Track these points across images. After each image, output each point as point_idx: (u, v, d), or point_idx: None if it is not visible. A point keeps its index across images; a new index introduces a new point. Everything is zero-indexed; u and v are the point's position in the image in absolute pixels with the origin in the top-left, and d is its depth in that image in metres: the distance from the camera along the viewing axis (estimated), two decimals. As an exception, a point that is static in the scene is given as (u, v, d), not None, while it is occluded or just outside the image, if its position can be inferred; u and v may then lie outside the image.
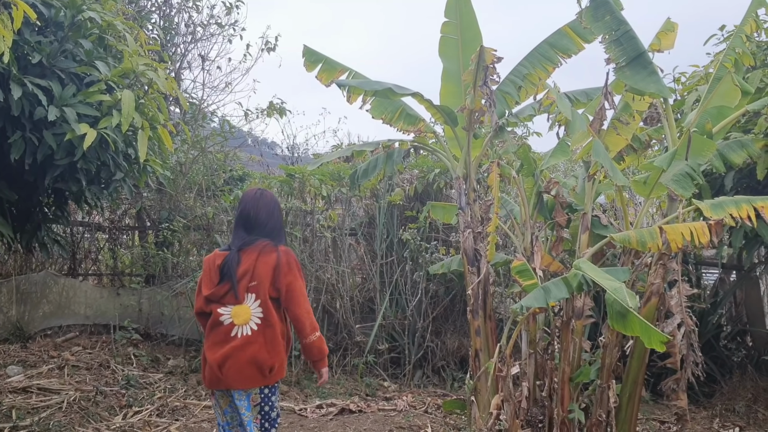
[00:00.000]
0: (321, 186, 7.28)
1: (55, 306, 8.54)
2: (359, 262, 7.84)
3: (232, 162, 10.22)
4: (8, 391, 6.01)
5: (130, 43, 4.61)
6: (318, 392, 6.32)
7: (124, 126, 4.11)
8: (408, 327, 6.97)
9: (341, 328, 7.20)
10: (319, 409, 5.75)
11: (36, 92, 3.92)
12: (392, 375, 6.95)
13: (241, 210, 3.48)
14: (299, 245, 7.32)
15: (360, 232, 7.69)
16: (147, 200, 9.32)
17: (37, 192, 4.99)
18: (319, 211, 7.55)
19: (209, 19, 9.85)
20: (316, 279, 7.15)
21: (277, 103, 9.29)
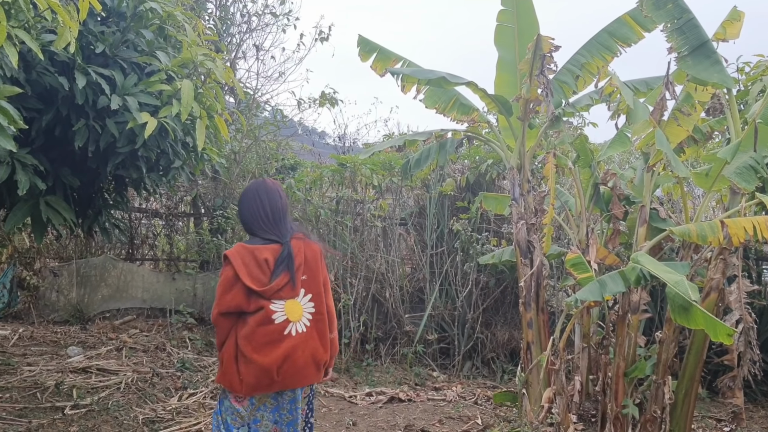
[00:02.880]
0: (372, 175, 7.30)
1: (113, 289, 8.81)
2: (409, 252, 7.84)
3: (284, 151, 10.34)
4: (69, 371, 6.22)
5: (189, 33, 4.69)
6: (367, 380, 6.37)
7: (183, 115, 4.19)
8: (458, 318, 6.96)
9: (390, 318, 7.23)
10: (368, 397, 5.80)
11: (99, 81, 4.02)
12: (441, 365, 6.96)
13: (272, 199, 3.22)
14: (350, 234, 7.37)
15: (410, 222, 7.69)
16: (202, 188, 9.51)
17: (98, 178, 5.14)
18: (370, 201, 7.58)
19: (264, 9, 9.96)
20: (366, 268, 7.18)
21: (329, 93, 9.35)
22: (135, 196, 8.52)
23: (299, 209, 7.63)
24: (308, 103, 9.48)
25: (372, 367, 6.74)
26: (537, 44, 4.84)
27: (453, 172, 7.62)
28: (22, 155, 3.80)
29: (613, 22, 5.40)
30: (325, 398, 5.79)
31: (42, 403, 5.23)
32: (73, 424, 4.76)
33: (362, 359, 6.94)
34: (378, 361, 6.91)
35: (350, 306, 6.84)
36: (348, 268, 7.13)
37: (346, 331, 6.85)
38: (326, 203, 7.67)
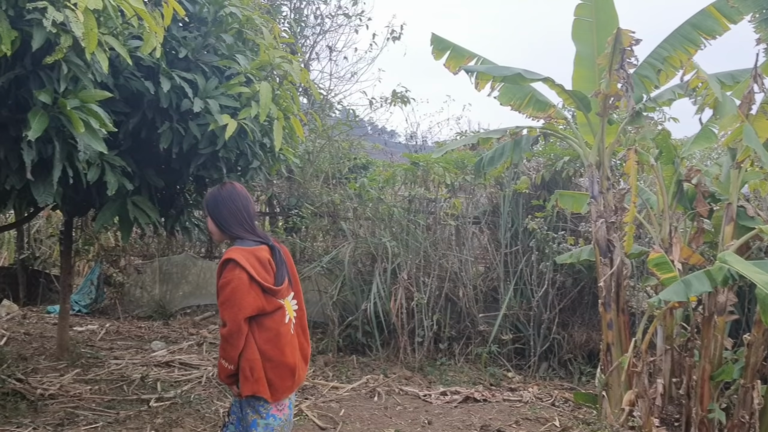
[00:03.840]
0: (445, 174, 7.27)
1: (193, 286, 9.10)
2: (482, 250, 7.77)
3: (356, 150, 10.43)
4: (153, 365, 6.47)
5: (266, 36, 4.79)
6: (441, 379, 6.35)
7: (261, 116, 4.28)
8: (533, 318, 6.85)
9: (464, 317, 7.18)
10: (443, 396, 5.78)
11: (183, 85, 4.16)
12: (516, 366, 6.86)
13: (247, 203, 3.14)
14: (422, 233, 7.36)
15: (483, 221, 7.62)
16: (276, 187, 9.70)
17: (181, 179, 5.30)
18: (443, 199, 7.55)
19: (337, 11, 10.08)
20: (439, 267, 7.16)
21: (401, 92, 9.37)
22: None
23: (372, 208, 7.67)
24: (380, 102, 9.54)
25: (446, 366, 6.71)
26: (617, 38, 4.72)
27: (527, 169, 7.50)
28: (111, 157, 3.97)
29: (697, 14, 5.20)
30: (400, 396, 5.81)
31: (128, 395, 5.45)
32: (158, 416, 4.94)
33: (435, 358, 6.92)
34: (452, 360, 6.88)
35: (423, 305, 6.83)
36: (421, 267, 7.12)
37: (420, 329, 6.85)
38: (399, 202, 7.69)
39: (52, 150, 3.37)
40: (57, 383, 5.56)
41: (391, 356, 6.90)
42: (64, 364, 6.21)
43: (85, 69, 3.28)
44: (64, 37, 2.92)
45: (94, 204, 5.03)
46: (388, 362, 6.80)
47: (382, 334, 7.02)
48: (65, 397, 5.27)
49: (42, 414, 4.84)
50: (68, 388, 5.46)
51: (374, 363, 6.80)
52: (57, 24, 2.84)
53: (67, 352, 6.44)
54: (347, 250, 7.25)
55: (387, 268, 7.05)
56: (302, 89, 8.89)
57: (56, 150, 3.35)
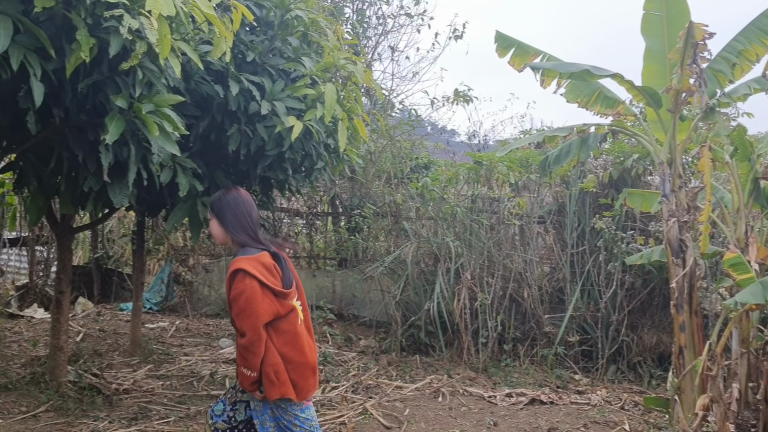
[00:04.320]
0: (508, 173, 7.18)
1: (258, 285, 9.25)
2: (548, 250, 7.65)
3: (418, 150, 10.42)
4: (221, 362, 6.62)
5: (330, 38, 4.84)
6: (506, 381, 6.28)
7: (326, 118, 4.33)
8: (601, 319, 6.69)
9: (529, 318, 7.08)
10: (508, 398, 5.71)
11: (251, 88, 4.25)
12: (583, 368, 6.72)
13: (252, 209, 3.19)
14: (486, 233, 7.30)
15: (548, 220, 7.50)
16: (339, 187, 9.78)
17: (248, 180, 5.41)
18: (506, 199, 7.46)
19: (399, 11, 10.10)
20: (503, 267, 7.08)
21: (463, 91, 9.32)
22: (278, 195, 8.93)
23: (434, 207, 7.65)
24: (442, 101, 9.51)
25: (510, 367, 6.63)
26: (689, 32, 4.56)
27: (594, 168, 7.33)
28: (183, 159, 4.08)
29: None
30: (464, 397, 5.78)
31: (198, 390, 5.60)
32: (227, 412, 5.04)
33: (500, 359, 6.85)
34: (516, 361, 6.79)
35: (487, 305, 6.77)
36: (484, 267, 7.06)
37: (483, 330, 6.79)
38: (462, 201, 7.64)
39: (127, 153, 3.48)
40: (130, 378, 5.75)
41: (454, 357, 6.87)
42: (136, 360, 6.43)
43: (158, 74, 3.38)
44: (139, 44, 3.02)
45: (165, 205, 5.18)
46: (452, 363, 6.77)
47: (446, 334, 6.98)
48: (138, 392, 5.44)
49: (117, 408, 5.02)
50: (141, 384, 5.64)
51: (437, 363, 6.78)
52: (132, 31, 2.94)
53: (139, 349, 6.66)
54: (410, 249, 7.25)
55: (450, 268, 7.02)
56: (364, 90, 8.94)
57: (131, 153, 3.46)
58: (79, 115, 3.44)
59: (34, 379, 5.43)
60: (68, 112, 3.41)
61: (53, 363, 5.36)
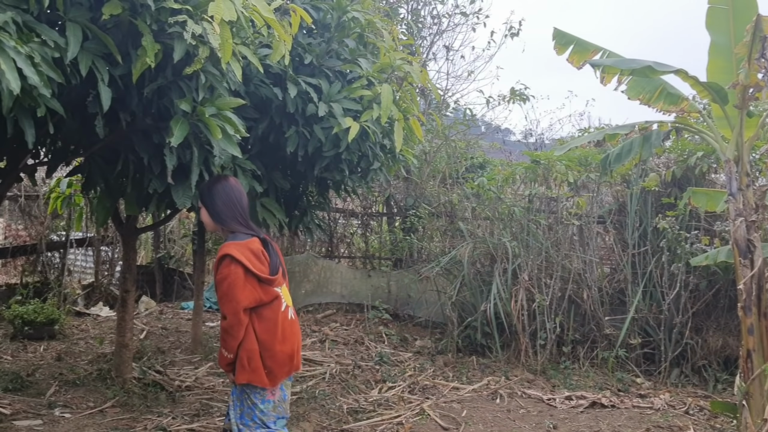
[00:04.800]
0: (567, 172, 7.06)
1: (314, 284, 9.36)
2: (608, 251, 7.49)
3: (473, 150, 10.35)
4: (280, 360, 6.70)
5: (386, 39, 4.85)
6: (565, 383, 6.17)
7: (383, 118, 4.34)
8: (664, 322, 6.50)
9: (588, 320, 6.94)
10: (568, 401, 5.62)
11: (308, 90, 4.29)
12: (645, 371, 6.55)
13: (241, 196, 3.30)
14: (543, 233, 7.19)
15: (609, 220, 7.33)
16: (394, 188, 9.80)
17: (305, 181, 5.47)
18: (564, 198, 7.34)
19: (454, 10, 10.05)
20: (561, 268, 6.96)
21: (519, 89, 9.22)
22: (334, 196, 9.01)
23: (491, 207, 7.58)
24: (497, 100, 9.42)
25: (570, 370, 6.51)
26: (756, 25, 4.38)
27: (657, 166, 7.13)
28: (243, 161, 4.15)
29: None
30: (523, 399, 5.71)
31: (258, 388, 5.68)
32: (286, 410, 5.11)
33: (559, 361, 6.73)
34: (576, 364, 6.66)
35: (545, 306, 6.67)
36: (542, 268, 6.95)
37: (542, 332, 6.69)
38: (518, 201, 7.55)
39: (190, 155, 3.56)
40: (192, 376, 5.88)
41: (511, 358, 6.79)
42: (198, 357, 6.57)
43: (220, 78, 3.45)
44: (202, 49, 3.08)
45: (225, 206, 5.27)
46: (509, 364, 6.70)
47: (502, 335, 6.91)
48: (200, 389, 5.57)
49: (179, 404, 5.14)
50: (202, 381, 5.77)
51: (494, 365, 6.72)
52: (196, 36, 3.00)
53: (200, 346, 6.81)
54: (466, 250, 7.20)
55: (507, 268, 6.94)
56: (419, 89, 8.93)
57: (194, 155, 3.54)
58: (145, 119, 3.54)
59: (100, 376, 5.61)
60: (134, 116, 3.50)
61: (119, 360, 5.52)
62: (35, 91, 2.54)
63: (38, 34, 2.65)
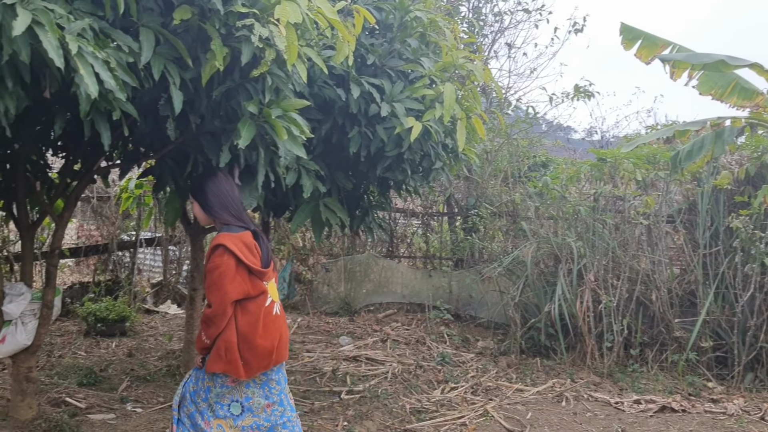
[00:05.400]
0: (635, 170, 6.87)
1: (375, 284, 9.40)
2: (677, 251, 7.25)
3: (536, 148, 10.21)
4: (342, 359, 6.76)
5: (448, 37, 4.83)
6: (633, 386, 6.00)
7: (446, 117, 4.32)
8: (737, 324, 6.25)
9: (657, 322, 6.73)
10: (636, 404, 5.47)
11: (371, 90, 4.31)
12: (717, 375, 6.31)
13: (229, 189, 3.36)
14: (610, 233, 7.02)
15: (678, 220, 7.10)
16: (455, 188, 9.75)
17: (367, 181, 5.49)
18: (632, 197, 7.15)
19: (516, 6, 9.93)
20: (629, 269, 6.77)
21: (584, 86, 9.03)
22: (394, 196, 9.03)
23: (555, 207, 7.45)
24: (561, 98, 9.25)
25: (638, 373, 6.33)
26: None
27: (729, 163, 6.87)
28: (307, 162, 4.19)
29: None
30: (589, 402, 5.58)
31: (321, 387, 5.75)
32: (349, 408, 5.15)
33: (626, 364, 6.56)
34: (644, 367, 6.47)
35: (612, 308, 6.51)
36: (609, 269, 6.78)
37: (608, 334, 6.53)
38: (584, 200, 7.39)
39: (256, 156, 3.62)
40: (257, 373, 5.98)
41: (577, 360, 6.66)
42: (263, 355, 6.67)
43: (286, 80, 3.49)
44: (269, 51, 3.13)
45: (289, 206, 5.36)
46: (574, 366, 6.57)
47: (567, 337, 6.78)
48: (265, 386, 5.65)
49: (246, 401, 5.23)
50: (267, 378, 5.85)
51: (559, 367, 6.60)
52: (262, 39, 3.05)
53: (264, 344, 6.91)
54: (529, 250, 7.10)
55: (572, 269, 6.81)
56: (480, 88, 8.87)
57: (260, 156, 3.60)
58: (213, 121, 3.62)
59: (170, 372, 5.78)
60: (203, 118, 3.58)
61: (187, 356, 5.67)
62: (111, 95, 2.62)
63: (113, 39, 2.74)
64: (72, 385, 5.36)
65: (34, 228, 4.52)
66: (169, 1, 3.06)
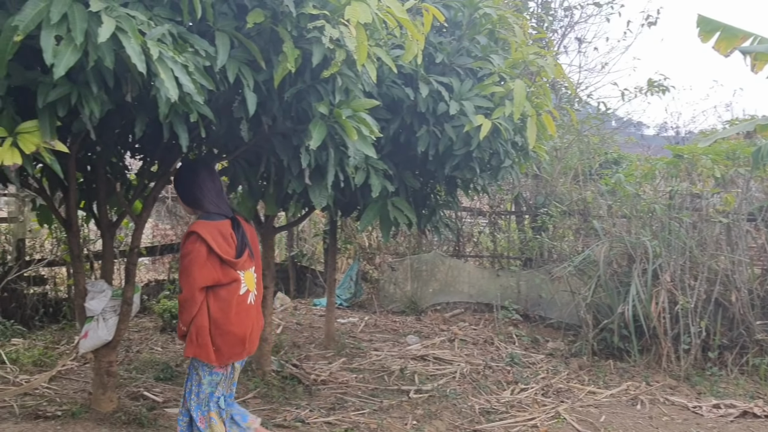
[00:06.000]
0: (713, 166, 6.61)
1: (442, 283, 9.35)
2: (759, 251, 6.95)
3: (608, 145, 9.95)
4: (410, 358, 6.77)
5: (518, 33, 4.76)
6: (712, 390, 5.79)
7: (515, 115, 4.26)
8: (825, 328, 5.95)
9: (737, 324, 6.46)
10: (716, 409, 5.26)
11: (439, 89, 4.29)
12: (803, 381, 6.02)
13: (215, 178, 3.48)
14: (687, 232, 6.77)
15: (760, 218, 6.79)
16: (523, 186, 9.60)
17: (434, 180, 5.48)
18: (710, 194, 6.88)
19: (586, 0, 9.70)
20: (707, 269, 6.52)
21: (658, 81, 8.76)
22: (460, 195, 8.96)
23: (628, 205, 7.25)
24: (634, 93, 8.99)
25: (716, 377, 6.09)
26: None
27: (816, 158, 6.53)
28: (375, 161, 4.21)
29: None
30: (666, 406, 5.41)
31: (389, 385, 5.76)
32: (418, 408, 5.15)
33: (704, 368, 6.32)
34: (723, 370, 6.22)
35: (689, 309, 6.28)
36: (686, 269, 6.54)
37: (685, 336, 6.31)
38: (659, 198, 7.15)
39: (326, 157, 3.66)
40: (327, 370, 6.05)
41: (651, 363, 6.45)
42: (331, 352, 6.76)
43: (355, 80, 3.52)
44: (339, 52, 3.16)
45: (357, 205, 5.40)
46: (649, 369, 6.37)
47: (641, 339, 6.58)
48: (334, 383, 5.72)
49: (316, 398, 5.31)
50: (336, 375, 5.92)
51: (633, 369, 6.41)
52: (333, 40, 3.08)
53: (333, 342, 7.00)
54: (601, 249, 6.93)
55: (647, 269, 6.59)
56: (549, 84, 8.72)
57: (330, 156, 3.63)
58: (285, 122, 3.68)
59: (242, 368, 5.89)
60: (275, 119, 3.65)
61: (259, 353, 5.77)
62: (188, 98, 2.70)
63: (191, 44, 2.82)
64: (149, 379, 5.54)
65: (114, 227, 4.69)
66: (242, 4, 3.14)
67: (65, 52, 2.32)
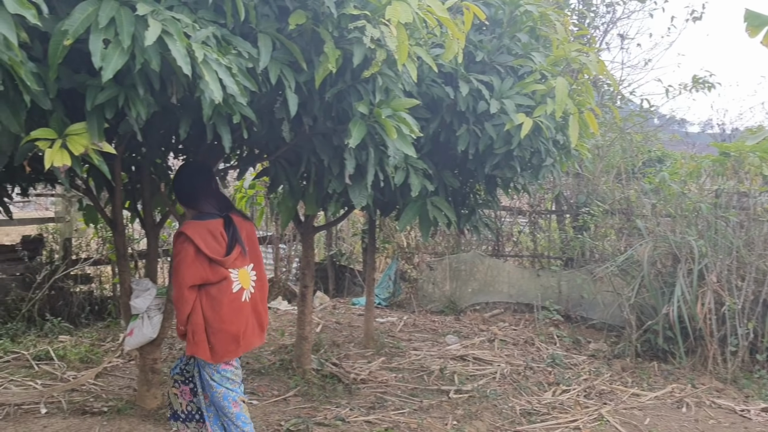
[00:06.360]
0: (762, 164, 6.43)
1: (481, 283, 9.29)
2: (810, 251, 6.73)
3: (651, 142, 9.76)
4: (449, 358, 6.74)
5: (559, 30, 4.70)
6: (760, 394, 5.64)
7: (557, 113, 4.20)
8: None
9: (787, 326, 6.28)
10: (764, 413, 5.13)
11: (479, 87, 4.26)
12: None
13: (211, 176, 3.59)
14: (734, 231, 6.60)
15: (811, 217, 6.59)
16: (564, 185, 9.48)
17: (474, 179, 5.45)
18: (758, 193, 6.70)
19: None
20: (755, 269, 6.35)
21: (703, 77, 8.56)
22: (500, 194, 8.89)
23: (673, 204, 7.10)
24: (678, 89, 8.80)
25: (765, 380, 5.93)
26: None
27: None
28: (415, 160, 4.20)
29: None
30: (712, 409, 5.29)
31: (429, 385, 5.75)
32: (458, 408, 5.13)
33: (752, 370, 6.16)
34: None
35: (736, 311, 6.12)
36: (733, 269, 6.38)
37: (732, 338, 6.15)
38: (705, 197, 6.99)
39: (366, 156, 3.67)
40: (366, 369, 6.07)
41: (697, 365, 6.31)
42: (370, 352, 6.77)
43: (395, 80, 3.52)
44: (380, 52, 3.16)
45: (396, 204, 5.39)
46: (695, 371, 6.23)
47: (687, 340, 6.44)
48: (374, 382, 5.73)
49: (356, 397, 5.32)
50: (376, 375, 5.94)
51: (678, 371, 6.28)
52: (374, 40, 3.08)
53: (372, 341, 7.01)
54: (645, 249, 6.80)
55: (692, 269, 6.45)
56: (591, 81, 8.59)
57: (370, 156, 3.64)
58: (325, 122, 3.69)
59: (282, 366, 5.96)
60: (316, 119, 3.67)
61: (299, 351, 5.84)
62: (232, 100, 2.74)
63: (234, 46, 2.85)
64: (193, 376, 5.63)
65: (159, 227, 4.78)
66: (283, 6, 3.16)
67: (113, 56, 2.37)
